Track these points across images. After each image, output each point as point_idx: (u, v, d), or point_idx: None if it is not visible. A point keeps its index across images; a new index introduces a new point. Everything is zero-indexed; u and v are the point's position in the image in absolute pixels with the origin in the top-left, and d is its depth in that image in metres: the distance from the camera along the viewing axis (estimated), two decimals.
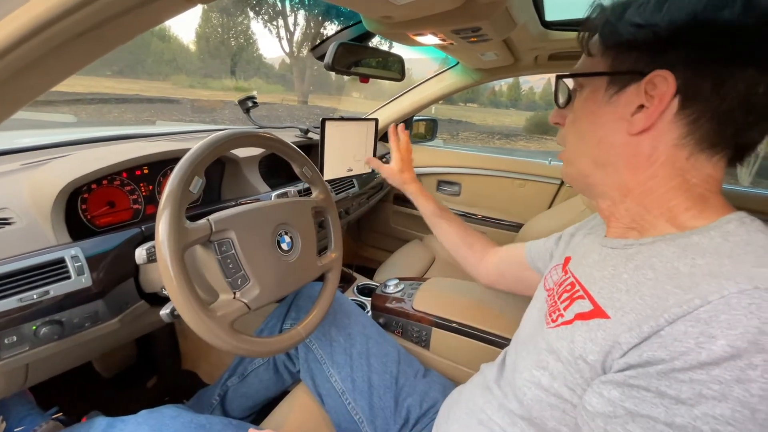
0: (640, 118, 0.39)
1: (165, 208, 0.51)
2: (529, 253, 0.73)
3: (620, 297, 0.38)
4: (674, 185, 0.40)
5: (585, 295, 0.43)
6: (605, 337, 0.37)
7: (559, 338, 0.43)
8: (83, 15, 0.29)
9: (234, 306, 0.57)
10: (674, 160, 0.39)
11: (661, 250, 0.39)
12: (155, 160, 0.79)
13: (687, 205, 0.40)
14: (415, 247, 1.68)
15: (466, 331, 0.87)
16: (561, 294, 0.48)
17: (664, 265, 0.37)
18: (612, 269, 0.42)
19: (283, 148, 0.71)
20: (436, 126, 2.04)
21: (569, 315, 0.44)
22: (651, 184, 0.41)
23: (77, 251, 0.60)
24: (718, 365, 0.29)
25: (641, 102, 0.39)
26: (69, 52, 0.33)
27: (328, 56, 0.83)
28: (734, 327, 0.29)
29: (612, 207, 0.46)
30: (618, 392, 0.34)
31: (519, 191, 1.70)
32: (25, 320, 0.54)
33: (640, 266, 0.39)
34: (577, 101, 0.47)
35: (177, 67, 22.99)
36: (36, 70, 0.33)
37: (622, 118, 0.41)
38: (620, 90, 0.41)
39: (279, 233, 0.66)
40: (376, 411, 0.71)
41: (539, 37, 1.05)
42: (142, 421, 0.58)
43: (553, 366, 0.43)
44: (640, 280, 0.38)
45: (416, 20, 0.72)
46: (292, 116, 10.95)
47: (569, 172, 0.50)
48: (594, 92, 0.44)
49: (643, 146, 0.40)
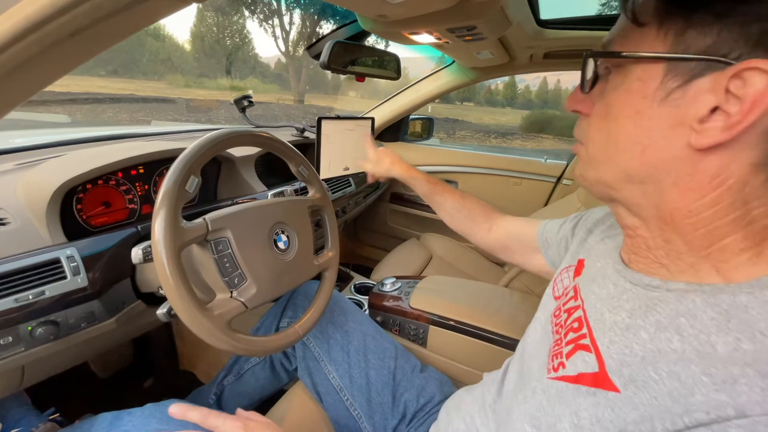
0: (715, 128, 0.27)
1: (161, 208, 0.51)
2: (541, 234, 0.65)
3: (632, 363, 0.30)
4: (735, 217, 0.29)
5: (591, 346, 0.35)
6: (612, 420, 0.30)
7: (561, 400, 0.36)
8: (76, 14, 0.29)
9: (231, 305, 0.57)
10: (745, 184, 0.28)
11: (696, 308, 0.29)
12: (151, 160, 0.79)
13: (744, 246, 0.30)
14: (412, 245, 1.68)
15: (463, 329, 0.87)
16: (567, 328, 0.41)
17: (696, 334, 0.28)
18: (628, 317, 0.34)
19: (279, 146, 0.71)
20: (433, 125, 2.04)
21: (571, 369, 0.36)
22: (706, 214, 0.30)
23: (73, 251, 0.60)
24: None
25: (717, 103, 0.27)
26: (62, 52, 0.33)
27: (323, 55, 0.83)
28: None
29: (643, 230, 0.35)
30: None
31: (515, 189, 1.71)
32: (20, 321, 0.54)
33: (664, 326, 0.30)
34: (614, 90, 0.34)
35: (172, 67, 22.88)
36: (28, 70, 0.33)
37: (684, 123, 0.29)
38: (686, 83, 0.29)
39: (275, 232, 0.66)
40: (374, 407, 0.71)
41: (534, 35, 1.06)
42: (149, 413, 0.58)
43: (546, 429, 0.36)
44: (661, 348, 0.29)
45: (411, 19, 0.72)
46: (288, 115, 10.93)
47: (588, 176, 0.38)
48: (642, 82, 0.31)
49: (709, 164, 0.29)
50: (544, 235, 0.65)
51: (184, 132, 1.16)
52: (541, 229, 0.66)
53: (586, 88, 0.37)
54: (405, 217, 1.91)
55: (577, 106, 0.38)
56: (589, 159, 0.38)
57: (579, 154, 0.39)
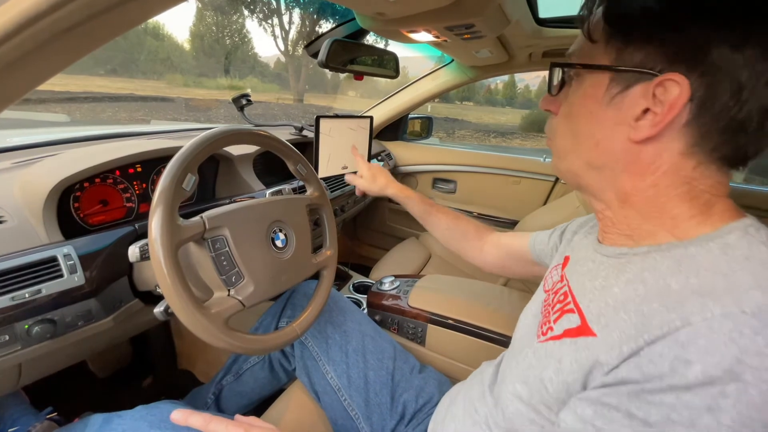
0: (645, 125, 0.35)
1: (158, 206, 0.51)
2: (533, 249, 0.70)
3: (607, 313, 0.36)
4: (679, 193, 0.36)
5: (575, 308, 0.41)
6: (588, 356, 0.35)
7: (548, 355, 0.41)
8: (71, 9, 0.29)
9: (228, 303, 0.57)
10: (679, 169, 0.36)
11: (655, 263, 0.36)
12: (148, 158, 0.79)
13: (692, 213, 0.36)
14: (411, 244, 1.68)
15: (461, 327, 0.87)
16: (554, 303, 0.47)
17: (656, 281, 0.34)
18: (603, 280, 0.40)
19: (277, 145, 0.71)
20: (432, 124, 2.04)
21: (558, 329, 0.42)
22: (652, 192, 0.38)
23: (69, 250, 0.60)
24: (690, 391, 0.28)
25: (647, 105, 0.35)
26: (57, 48, 0.32)
27: (321, 53, 0.83)
28: (711, 353, 0.27)
29: (608, 211, 0.43)
30: (590, 410, 0.33)
31: (514, 188, 1.70)
32: (17, 319, 0.54)
33: (631, 280, 0.37)
34: (573, 93, 0.41)
35: (171, 66, 22.84)
36: (23, 67, 0.33)
37: (624, 122, 0.36)
38: (625, 90, 0.36)
39: (273, 230, 0.66)
40: (372, 407, 0.71)
41: (533, 34, 1.06)
42: (139, 416, 0.57)
43: (533, 382, 0.42)
44: (629, 296, 0.35)
45: (409, 17, 0.72)
46: (287, 115, 10.91)
47: (560, 167, 0.45)
48: (594, 88, 0.38)
49: (646, 153, 0.36)
50: (536, 249, 0.70)
51: (182, 131, 1.16)
52: (531, 244, 0.71)
53: (554, 92, 0.44)
54: (404, 216, 1.90)
55: (549, 106, 0.46)
56: (557, 152, 0.45)
57: (551, 148, 0.47)
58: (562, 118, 0.44)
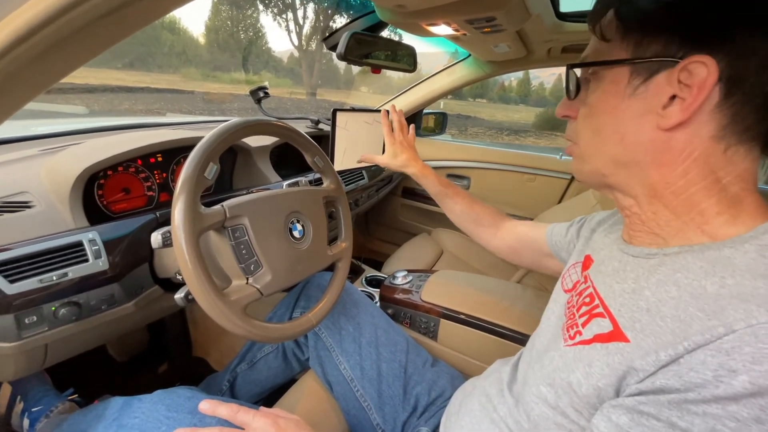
0: (675, 111, 0.34)
1: (181, 194, 0.52)
2: (550, 240, 0.69)
3: (641, 317, 0.35)
4: (706, 184, 0.36)
5: (605, 312, 0.40)
6: (621, 361, 0.35)
7: (577, 359, 0.40)
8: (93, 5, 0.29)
9: (247, 291, 0.58)
10: (709, 155, 0.35)
11: (688, 263, 0.35)
12: (169, 148, 0.80)
13: (719, 209, 0.36)
14: (423, 240, 1.68)
15: (474, 323, 0.87)
16: (580, 306, 0.45)
17: (689, 282, 0.34)
18: (633, 282, 0.39)
19: (295, 137, 0.71)
20: (446, 119, 2.03)
21: (588, 334, 0.41)
22: (681, 183, 0.37)
23: (94, 235, 0.61)
24: (737, 402, 0.27)
25: (674, 92, 0.34)
26: (91, 34, 0.33)
27: (340, 46, 0.83)
28: (759, 362, 0.26)
29: (636, 207, 0.41)
30: (627, 418, 0.32)
31: (529, 186, 1.69)
32: (44, 301, 0.56)
33: (663, 281, 0.36)
34: (593, 93, 0.41)
35: (187, 60, 23.11)
36: (58, 52, 0.34)
37: (651, 111, 0.36)
38: (647, 80, 0.36)
39: (291, 221, 0.67)
40: (384, 399, 0.71)
41: (553, 28, 1.04)
42: (157, 400, 0.59)
43: (560, 385, 0.41)
44: (662, 298, 0.35)
45: (430, 9, 0.72)
46: (300, 109, 10.96)
47: (583, 170, 0.45)
48: (614, 83, 0.38)
49: (676, 141, 0.36)
50: (553, 240, 0.69)
51: (200, 123, 1.17)
52: (549, 235, 0.70)
53: (572, 96, 0.44)
54: (416, 211, 1.90)
55: (566, 111, 0.46)
56: (581, 154, 0.44)
57: (573, 153, 0.46)
58: (583, 119, 0.43)
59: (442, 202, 0.85)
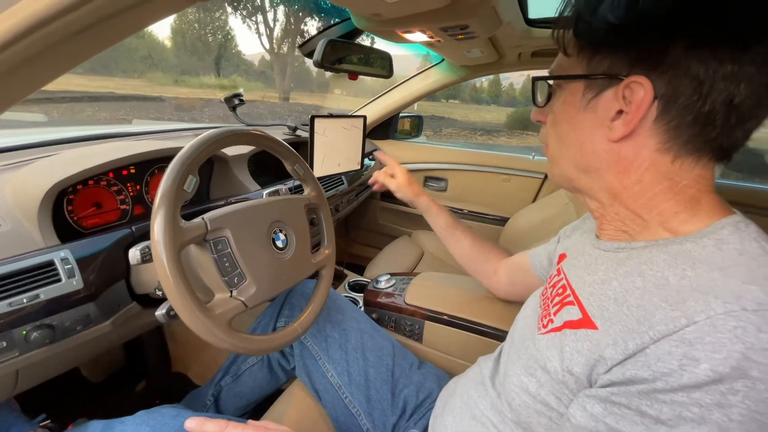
0: (619, 125, 0.38)
1: (160, 208, 0.50)
2: (533, 263, 0.72)
3: (609, 306, 0.38)
4: (662, 188, 0.39)
5: (575, 301, 0.43)
6: (591, 349, 0.37)
7: (549, 346, 0.43)
8: (82, 12, 0.29)
9: (231, 304, 0.57)
10: (659, 165, 0.38)
11: (653, 256, 0.38)
12: (142, 160, 0.78)
13: (677, 209, 0.38)
14: (404, 242, 1.70)
15: (458, 323, 0.88)
16: (553, 297, 0.48)
17: (654, 273, 0.36)
18: (602, 274, 0.42)
19: (275, 146, 0.71)
20: (422, 123, 2.05)
21: (558, 321, 0.44)
22: (638, 188, 0.40)
23: (67, 253, 0.59)
24: (700, 389, 0.28)
25: (620, 107, 0.38)
26: (65, 50, 0.32)
27: (317, 53, 0.83)
28: (718, 351, 0.28)
29: (601, 209, 0.45)
30: (600, 408, 0.34)
31: (504, 186, 1.73)
32: (14, 325, 0.53)
33: (629, 273, 0.38)
34: (556, 102, 0.45)
35: (152, 64, 22.33)
36: (30, 68, 0.33)
37: (602, 124, 0.39)
38: (598, 94, 0.39)
39: (274, 231, 0.66)
40: (373, 403, 0.72)
41: (523, 34, 1.08)
42: (141, 421, 0.57)
43: (540, 374, 0.43)
44: (628, 288, 0.37)
45: (405, 18, 0.73)
46: (273, 114, 10.78)
47: (555, 172, 0.48)
48: (572, 95, 0.42)
49: (626, 152, 0.39)
50: (536, 264, 0.71)
51: (173, 131, 1.14)
52: (532, 261, 0.72)
53: (539, 104, 0.48)
54: (395, 214, 1.92)
55: (537, 117, 0.50)
56: (551, 158, 0.48)
57: (546, 154, 0.49)
58: (550, 126, 0.47)
59: (452, 236, 0.87)
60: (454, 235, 0.86)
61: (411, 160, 1.85)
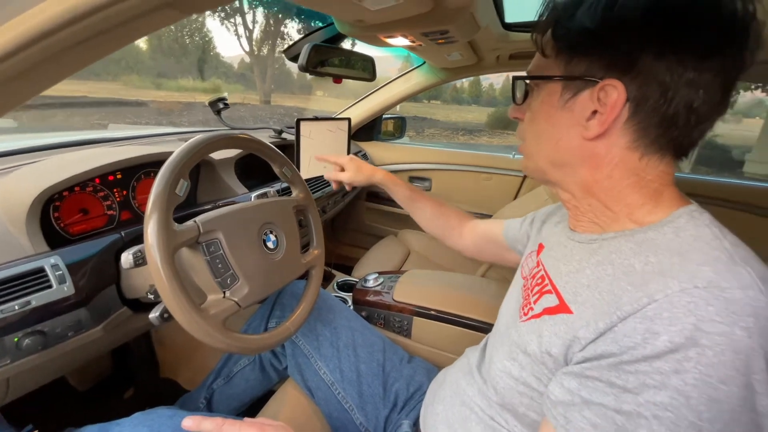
0: (594, 124, 0.41)
1: (153, 212, 0.51)
2: (507, 235, 0.76)
3: (582, 292, 0.41)
4: (630, 183, 0.42)
5: (552, 290, 0.46)
6: (566, 331, 0.40)
7: (529, 332, 0.46)
8: (85, 25, 0.30)
9: (225, 305, 0.58)
10: (627, 161, 0.41)
11: (620, 245, 0.41)
12: (129, 165, 0.78)
13: (642, 201, 0.42)
14: (390, 242, 1.72)
15: (444, 317, 0.91)
16: (533, 287, 0.51)
17: (621, 261, 0.40)
18: (577, 263, 0.45)
19: (263, 149, 0.72)
20: (405, 124, 2.08)
21: (538, 309, 0.47)
22: (608, 183, 0.43)
23: (57, 260, 0.59)
24: (660, 358, 0.32)
25: (595, 108, 0.40)
26: (65, 59, 0.33)
27: (301, 58, 0.85)
28: (674, 324, 0.31)
29: (574, 201, 0.48)
30: (576, 383, 0.37)
31: (486, 184, 1.78)
32: (6, 332, 0.53)
33: (601, 261, 0.42)
34: (534, 101, 0.47)
35: (127, 67, 21.75)
36: (28, 76, 0.34)
37: (578, 123, 0.42)
38: (575, 95, 0.42)
39: (264, 232, 0.68)
40: (365, 398, 0.74)
41: (500, 38, 1.12)
42: (138, 422, 0.57)
43: (522, 358, 0.46)
44: (600, 276, 0.40)
45: (388, 23, 0.75)
46: (255, 116, 10.65)
47: (529, 166, 0.51)
48: (549, 95, 0.44)
49: (599, 149, 0.42)
50: (509, 234, 0.76)
51: (157, 135, 1.14)
52: (505, 231, 0.77)
53: (518, 102, 0.50)
54: (381, 214, 1.94)
55: (516, 114, 0.52)
56: (527, 153, 0.51)
57: (523, 151, 0.52)
58: (528, 123, 0.49)
59: (411, 207, 0.89)
60: (414, 204, 0.89)
61: (395, 160, 1.88)
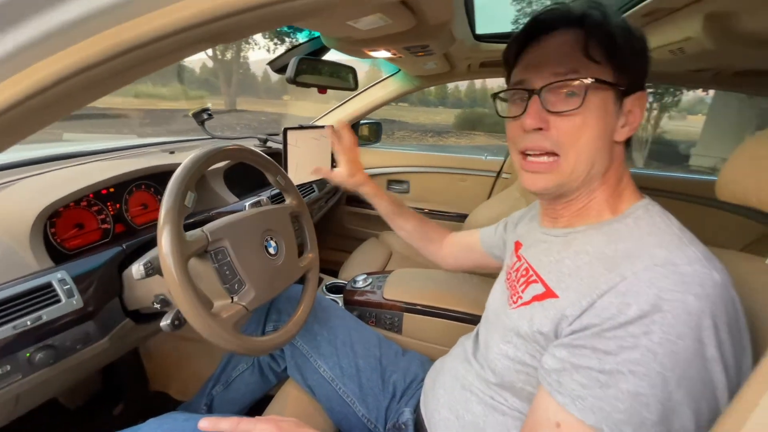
0: (626, 130, 0.49)
1: (166, 223, 0.54)
2: (483, 242, 0.84)
3: (565, 279, 0.47)
4: (616, 181, 0.51)
5: (538, 279, 0.52)
6: (555, 312, 0.46)
7: (521, 317, 0.52)
8: (120, 62, 0.33)
9: (234, 309, 0.62)
10: (621, 160, 0.51)
11: (592, 237, 0.48)
12: (122, 180, 0.79)
13: (614, 198, 0.50)
14: (373, 244, 1.77)
15: (434, 312, 0.97)
16: (519, 278, 0.57)
17: (595, 250, 0.46)
18: (556, 254, 0.52)
19: (260, 160, 0.76)
20: (381, 129, 2.13)
21: (527, 297, 0.53)
22: (608, 184, 0.51)
23: (63, 274, 0.60)
24: (632, 324, 0.38)
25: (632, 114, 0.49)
26: (96, 90, 0.36)
27: (289, 70, 0.89)
28: (641, 295, 0.38)
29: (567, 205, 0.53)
30: (566, 352, 0.43)
31: (461, 185, 1.86)
32: (19, 348, 0.54)
33: (578, 252, 0.48)
34: (588, 106, 0.46)
35: None
36: (65, 101, 0.36)
37: (616, 127, 0.49)
38: (623, 101, 0.48)
39: (266, 239, 0.71)
40: (365, 390, 0.78)
41: (472, 48, 1.19)
42: (155, 426, 0.59)
43: (516, 340, 0.52)
44: (579, 264, 0.47)
45: (373, 39, 0.80)
46: (223, 123, 10.39)
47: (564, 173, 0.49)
48: (605, 101, 0.47)
49: (618, 151, 0.51)
50: (485, 242, 0.83)
51: (140, 147, 1.13)
52: (482, 239, 0.84)
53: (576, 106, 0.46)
54: (362, 217, 1.98)
55: (540, 123, 0.49)
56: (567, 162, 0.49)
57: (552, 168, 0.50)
58: (576, 130, 0.47)
59: (394, 220, 0.92)
60: (396, 220, 0.92)
61: (374, 165, 1.93)
